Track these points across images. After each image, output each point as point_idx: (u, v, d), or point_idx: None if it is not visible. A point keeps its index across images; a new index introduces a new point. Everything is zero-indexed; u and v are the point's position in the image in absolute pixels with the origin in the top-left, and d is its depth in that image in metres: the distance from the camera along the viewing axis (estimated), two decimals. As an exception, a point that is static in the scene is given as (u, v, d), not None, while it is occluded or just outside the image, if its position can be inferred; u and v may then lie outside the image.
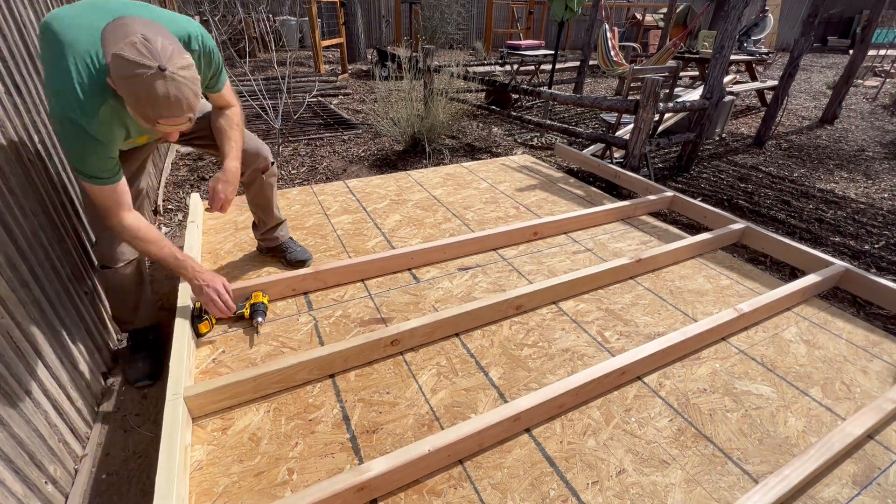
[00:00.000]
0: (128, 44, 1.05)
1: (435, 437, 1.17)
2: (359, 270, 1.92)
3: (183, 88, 1.11)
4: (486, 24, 11.23)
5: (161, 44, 1.08)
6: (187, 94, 1.13)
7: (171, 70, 1.08)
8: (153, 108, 1.10)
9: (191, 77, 1.13)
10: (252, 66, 8.39)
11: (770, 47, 11.29)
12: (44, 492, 1.20)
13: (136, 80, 1.05)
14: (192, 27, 1.35)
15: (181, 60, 1.11)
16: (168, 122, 1.15)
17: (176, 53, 1.11)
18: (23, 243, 1.34)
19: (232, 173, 1.55)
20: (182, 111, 1.14)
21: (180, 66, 1.10)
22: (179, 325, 1.51)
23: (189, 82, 1.13)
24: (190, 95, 1.14)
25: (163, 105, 1.10)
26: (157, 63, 1.05)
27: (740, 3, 3.45)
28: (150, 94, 1.07)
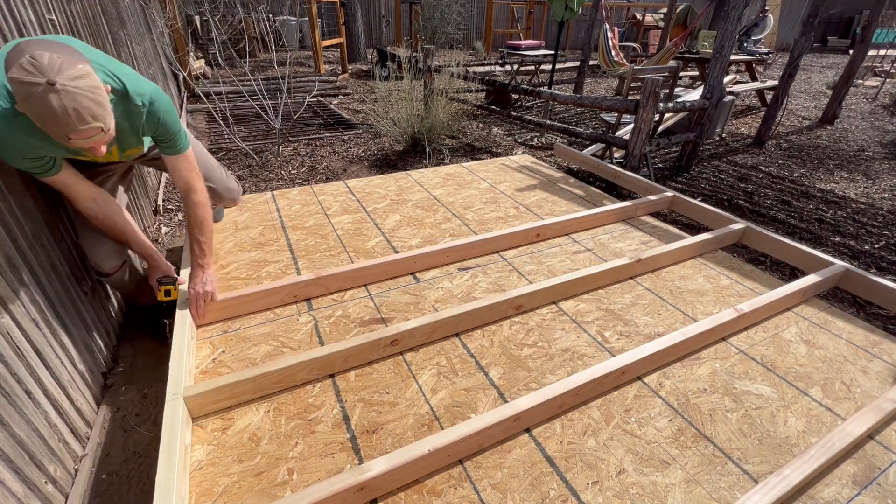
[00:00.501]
0: (17, 66, 1.03)
1: (435, 437, 1.17)
2: (361, 276, 1.91)
3: (79, 98, 1.07)
4: (486, 24, 11.23)
5: (49, 58, 1.05)
6: (85, 103, 1.08)
7: (61, 82, 1.04)
8: (56, 125, 1.08)
9: (86, 86, 1.09)
10: (252, 66, 8.39)
11: (770, 47, 11.29)
12: (44, 492, 1.20)
13: (30, 99, 1.04)
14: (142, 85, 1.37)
15: (72, 71, 1.07)
16: (78, 136, 1.12)
17: (66, 65, 1.07)
18: (23, 243, 1.34)
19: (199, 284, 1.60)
20: (85, 122, 1.10)
21: (71, 77, 1.06)
22: (179, 325, 1.51)
23: (86, 91, 1.09)
24: (89, 104, 1.10)
25: (62, 120, 1.07)
26: (45, 78, 1.02)
27: (740, 3, 3.44)
28: (46, 110, 1.05)
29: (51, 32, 1.81)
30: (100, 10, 2.65)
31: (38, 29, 1.70)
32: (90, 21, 2.40)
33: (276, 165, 3.99)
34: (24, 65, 1.02)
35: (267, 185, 3.63)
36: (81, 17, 2.25)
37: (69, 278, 1.59)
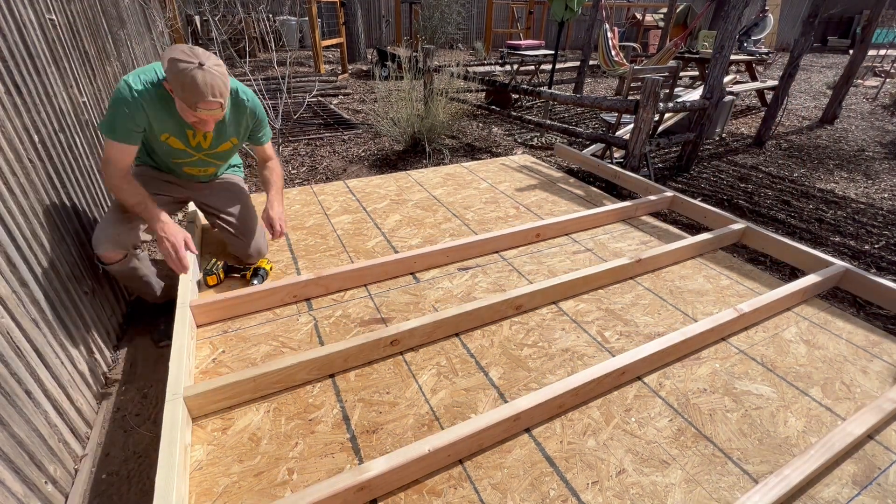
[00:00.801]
0: (177, 50, 1.44)
1: (435, 437, 1.17)
2: (361, 276, 1.91)
3: (216, 79, 1.47)
4: (486, 24, 11.23)
5: (200, 51, 1.47)
6: (219, 83, 1.49)
7: (207, 65, 1.45)
8: (194, 94, 1.44)
9: (221, 72, 1.50)
10: (252, 66, 8.39)
11: (770, 47, 11.29)
12: (44, 491, 1.20)
13: (182, 73, 1.42)
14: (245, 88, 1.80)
15: (216, 60, 1.49)
16: (206, 105, 1.48)
17: (212, 57, 1.48)
18: (23, 243, 1.34)
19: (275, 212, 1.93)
20: (216, 96, 1.48)
21: (215, 64, 1.48)
22: (179, 325, 1.51)
23: (221, 75, 1.50)
24: (221, 85, 1.50)
25: (201, 91, 1.44)
26: (198, 60, 1.44)
27: (740, 3, 3.44)
28: (192, 81, 1.43)
29: (51, 32, 1.81)
30: (100, 10, 2.65)
31: (38, 29, 1.70)
32: (90, 21, 2.40)
33: (276, 165, 3.99)
34: (185, 50, 1.45)
35: (267, 185, 3.63)
36: (81, 16, 2.25)
37: (69, 278, 1.59)
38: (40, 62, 1.67)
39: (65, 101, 1.84)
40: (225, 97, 1.53)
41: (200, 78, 1.43)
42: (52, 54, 1.79)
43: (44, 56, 1.71)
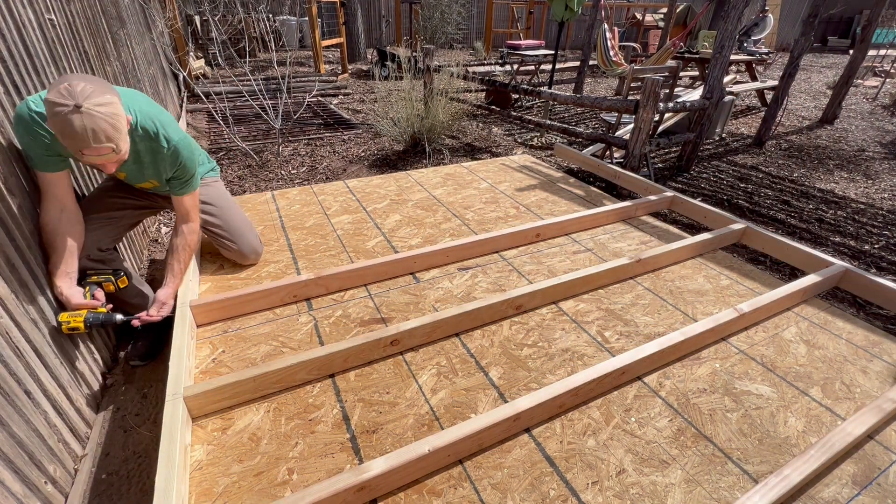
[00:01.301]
0: (54, 90, 1.20)
1: (435, 437, 1.17)
2: (361, 276, 1.91)
3: (98, 121, 1.23)
4: (486, 24, 11.23)
5: (82, 87, 1.22)
6: (103, 125, 1.24)
7: (86, 106, 1.21)
8: (73, 141, 1.23)
9: (108, 112, 1.25)
10: (252, 66, 8.39)
11: (770, 47, 11.29)
12: (43, 491, 1.20)
13: (56, 118, 1.20)
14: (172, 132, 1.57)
15: (99, 98, 1.24)
16: (91, 152, 1.27)
17: (95, 94, 1.23)
18: (22, 243, 1.34)
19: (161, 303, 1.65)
20: (100, 140, 1.25)
21: (97, 103, 1.23)
22: (179, 326, 1.51)
23: (106, 116, 1.25)
24: (106, 127, 1.25)
25: (80, 137, 1.23)
26: (74, 101, 1.19)
27: (740, 3, 3.44)
28: (68, 128, 1.21)
29: (50, 32, 1.81)
30: (99, 10, 2.65)
31: (38, 29, 1.70)
32: (90, 21, 2.40)
33: (275, 165, 3.99)
34: (60, 89, 1.20)
35: (267, 185, 3.63)
36: (81, 16, 2.25)
37: (69, 278, 1.58)
38: (39, 62, 1.67)
39: (64, 101, 1.84)
40: (117, 140, 1.29)
41: (78, 123, 1.21)
42: (51, 54, 1.78)
43: (43, 56, 1.71)
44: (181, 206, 1.72)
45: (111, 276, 1.64)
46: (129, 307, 1.79)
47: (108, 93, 1.28)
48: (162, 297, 1.65)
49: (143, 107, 1.54)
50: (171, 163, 1.61)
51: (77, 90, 1.21)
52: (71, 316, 1.44)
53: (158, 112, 1.59)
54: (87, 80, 1.28)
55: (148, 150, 1.57)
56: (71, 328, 1.44)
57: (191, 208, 1.74)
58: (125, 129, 1.33)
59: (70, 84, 1.22)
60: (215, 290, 1.86)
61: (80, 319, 1.44)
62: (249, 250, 1.97)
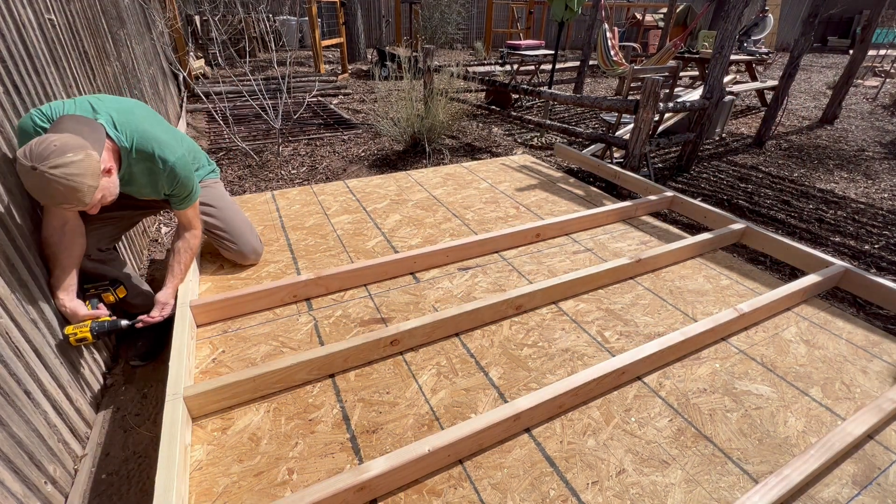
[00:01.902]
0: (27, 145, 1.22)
1: (435, 437, 1.17)
2: (361, 275, 1.91)
3: (52, 184, 1.22)
4: (486, 24, 11.23)
5: (45, 144, 1.21)
6: (56, 188, 1.23)
7: (42, 168, 1.20)
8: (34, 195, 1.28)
9: (64, 174, 1.23)
10: (252, 66, 8.39)
11: (770, 47, 11.29)
12: (43, 492, 1.20)
13: (20, 173, 1.24)
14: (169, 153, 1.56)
15: (58, 160, 1.21)
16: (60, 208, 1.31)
17: (56, 153, 1.21)
18: (21, 243, 1.34)
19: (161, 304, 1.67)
20: (56, 201, 1.27)
21: (52, 165, 1.20)
22: (179, 326, 1.51)
23: (61, 178, 1.23)
24: (60, 189, 1.24)
25: (36, 195, 1.27)
26: (31, 163, 1.20)
27: (740, 3, 3.44)
28: (27, 185, 1.25)
29: (50, 32, 1.81)
30: (99, 10, 2.65)
31: (38, 29, 1.70)
32: (90, 21, 2.40)
33: (275, 165, 3.99)
34: (30, 145, 1.22)
35: (267, 185, 3.63)
36: (81, 16, 2.25)
37: (69, 278, 1.58)
38: (39, 62, 1.67)
39: (64, 101, 1.84)
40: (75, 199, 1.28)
41: (31, 183, 1.22)
42: (51, 54, 1.78)
43: (43, 56, 1.71)
44: (183, 216, 1.75)
45: (109, 286, 1.68)
46: (132, 308, 1.80)
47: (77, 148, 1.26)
48: (162, 299, 1.66)
49: (140, 126, 1.53)
50: (169, 182, 1.61)
51: (39, 149, 1.21)
52: (77, 328, 1.47)
53: (158, 130, 1.58)
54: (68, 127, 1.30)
55: (145, 171, 1.57)
56: (79, 339, 1.47)
57: (192, 217, 1.77)
58: (90, 183, 1.30)
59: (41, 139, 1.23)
60: (215, 290, 1.86)
61: (87, 329, 1.48)
62: (250, 250, 1.97)
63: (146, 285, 1.88)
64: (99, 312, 1.55)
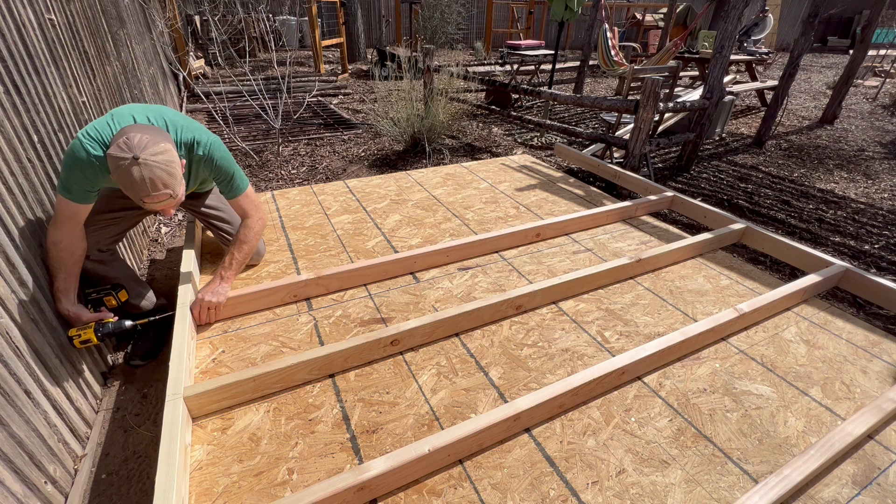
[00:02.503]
0: (114, 145, 1.31)
1: (435, 437, 1.17)
2: (361, 275, 1.91)
3: (155, 170, 1.32)
4: (486, 24, 11.23)
5: (138, 139, 1.31)
6: (159, 174, 1.33)
7: (143, 157, 1.30)
8: (135, 191, 1.33)
9: (164, 160, 1.34)
10: (252, 66, 8.39)
11: (770, 47, 11.29)
12: (43, 491, 1.20)
13: (118, 171, 1.30)
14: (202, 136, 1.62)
15: (154, 148, 1.33)
16: (151, 200, 1.36)
17: (150, 144, 1.32)
18: (21, 243, 1.34)
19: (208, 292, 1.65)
20: (158, 188, 1.34)
21: (153, 153, 1.32)
22: (179, 326, 1.51)
23: (162, 164, 1.33)
24: (163, 175, 1.34)
25: (140, 186, 1.32)
26: (132, 154, 1.29)
27: (740, 3, 3.44)
28: (129, 178, 1.31)
29: (50, 32, 1.81)
30: (99, 10, 2.65)
31: (38, 29, 1.70)
32: (90, 20, 2.40)
33: (275, 165, 3.99)
34: (120, 143, 1.30)
35: (267, 185, 3.63)
36: (81, 16, 2.25)
37: (69, 278, 1.58)
38: (39, 62, 1.67)
39: (64, 101, 1.84)
40: (173, 186, 1.38)
41: (137, 174, 1.29)
42: (51, 54, 1.78)
43: (43, 56, 1.71)
44: (236, 206, 1.77)
45: (111, 290, 1.71)
46: (133, 309, 1.80)
47: (163, 141, 1.36)
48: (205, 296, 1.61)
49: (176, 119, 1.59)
50: (207, 166, 1.65)
51: (134, 142, 1.30)
52: (81, 330, 1.49)
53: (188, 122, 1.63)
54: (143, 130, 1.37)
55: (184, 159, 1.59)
56: (83, 341, 1.49)
57: (246, 206, 1.76)
58: (180, 173, 1.41)
59: (128, 137, 1.31)
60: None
61: (90, 331, 1.49)
62: (255, 253, 1.97)
63: (147, 286, 1.88)
64: (102, 315, 1.57)
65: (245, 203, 1.76)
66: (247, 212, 1.76)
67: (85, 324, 1.51)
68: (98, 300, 1.67)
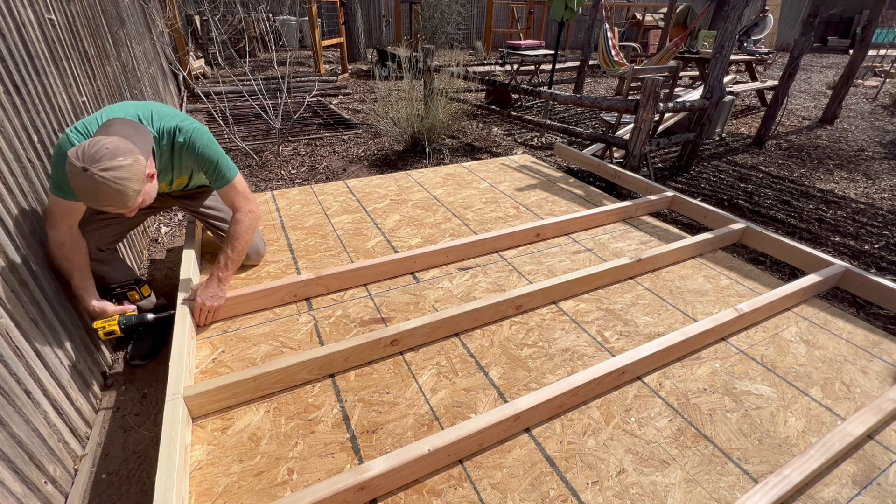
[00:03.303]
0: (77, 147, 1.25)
1: (435, 437, 1.17)
2: (360, 275, 1.91)
3: (101, 185, 1.25)
4: (486, 24, 11.23)
5: (97, 147, 1.25)
6: (105, 189, 1.26)
7: (92, 170, 1.23)
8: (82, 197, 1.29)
9: (113, 177, 1.26)
10: (252, 66, 8.39)
11: (770, 47, 11.29)
12: (43, 491, 1.20)
13: (68, 174, 1.26)
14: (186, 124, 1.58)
15: (109, 163, 1.25)
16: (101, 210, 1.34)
17: (107, 157, 1.25)
18: (22, 243, 1.34)
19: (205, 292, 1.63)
20: (102, 204, 1.30)
21: (103, 167, 1.24)
22: (179, 326, 1.51)
23: (110, 180, 1.26)
24: (108, 191, 1.27)
25: (83, 197, 1.28)
26: (82, 164, 1.23)
27: (740, 3, 3.44)
28: (76, 186, 1.26)
29: (50, 32, 1.81)
30: (99, 10, 2.65)
31: (38, 29, 1.70)
32: (90, 20, 2.40)
33: (275, 165, 3.99)
34: (83, 146, 1.25)
35: (267, 185, 3.63)
36: (81, 16, 2.25)
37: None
38: (40, 62, 1.67)
39: (64, 101, 1.84)
40: (120, 202, 1.31)
41: (81, 184, 1.24)
42: (51, 54, 1.78)
43: (43, 56, 1.71)
44: (225, 198, 1.72)
45: (135, 285, 1.76)
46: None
47: (126, 153, 1.30)
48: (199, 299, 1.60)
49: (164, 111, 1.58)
50: (189, 156, 1.61)
51: (91, 151, 1.24)
52: (106, 322, 1.55)
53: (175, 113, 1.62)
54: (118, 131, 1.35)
55: (167, 149, 1.59)
56: (107, 332, 1.54)
57: (234, 197, 1.70)
58: (135, 187, 1.33)
59: (93, 142, 1.26)
60: (215, 289, 1.86)
61: (115, 323, 1.54)
62: (252, 251, 1.97)
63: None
64: (125, 308, 1.62)
65: (233, 194, 1.70)
66: (235, 204, 1.70)
67: (109, 317, 1.56)
68: (122, 294, 1.73)
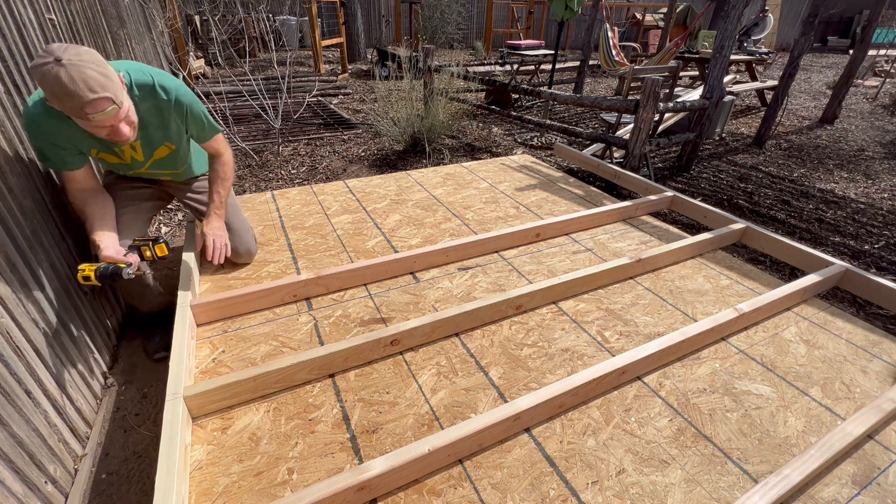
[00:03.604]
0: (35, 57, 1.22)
1: (435, 437, 1.17)
2: (361, 275, 1.91)
3: (83, 69, 1.18)
4: (486, 24, 11.22)
5: (57, 45, 1.19)
6: (90, 73, 1.19)
7: (66, 58, 1.16)
8: (69, 98, 1.18)
9: (90, 59, 1.21)
10: (252, 65, 8.39)
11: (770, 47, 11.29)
12: (43, 491, 1.20)
13: (43, 78, 1.16)
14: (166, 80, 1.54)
15: (77, 49, 1.20)
16: (92, 108, 1.22)
17: (71, 48, 1.20)
18: (22, 243, 1.34)
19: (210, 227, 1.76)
20: (94, 91, 1.20)
21: (76, 53, 1.19)
22: (179, 325, 1.51)
23: (89, 63, 1.20)
24: (94, 74, 1.20)
25: (72, 90, 1.17)
26: (53, 56, 1.16)
27: (740, 3, 3.44)
28: (57, 86, 1.16)
29: (50, 32, 1.81)
30: (99, 10, 2.65)
31: (38, 28, 1.70)
32: (90, 20, 2.40)
33: (275, 165, 3.99)
34: (39, 53, 1.22)
35: (267, 185, 3.63)
36: (81, 16, 2.25)
37: (69, 278, 1.59)
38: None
39: (65, 101, 1.84)
40: (110, 88, 1.24)
41: (65, 76, 1.15)
42: (51, 54, 1.78)
43: (44, 56, 1.71)
44: (209, 147, 1.79)
45: (149, 242, 1.66)
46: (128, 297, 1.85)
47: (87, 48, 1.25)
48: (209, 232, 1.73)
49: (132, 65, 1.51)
50: (177, 112, 1.58)
51: (53, 48, 1.18)
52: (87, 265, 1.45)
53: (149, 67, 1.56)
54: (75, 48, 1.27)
55: (152, 109, 1.52)
56: (84, 276, 1.43)
57: (219, 144, 1.79)
58: (117, 79, 1.28)
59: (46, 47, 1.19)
60: (215, 289, 1.86)
61: (93, 268, 1.44)
62: (244, 249, 1.96)
63: None
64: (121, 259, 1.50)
65: (219, 143, 1.79)
66: (219, 150, 1.80)
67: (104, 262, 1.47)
68: (136, 248, 1.65)
